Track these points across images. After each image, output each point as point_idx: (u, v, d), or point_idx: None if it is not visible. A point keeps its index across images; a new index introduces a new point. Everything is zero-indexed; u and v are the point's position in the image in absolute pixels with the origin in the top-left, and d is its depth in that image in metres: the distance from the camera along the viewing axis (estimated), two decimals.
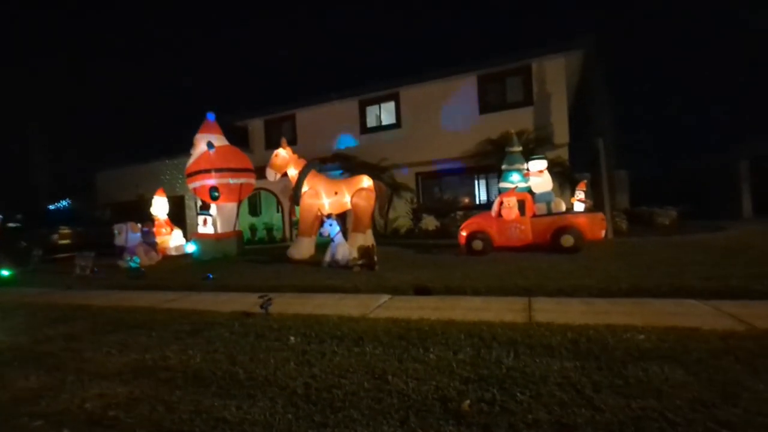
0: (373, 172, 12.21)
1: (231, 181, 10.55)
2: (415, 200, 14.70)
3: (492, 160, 13.20)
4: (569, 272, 5.38)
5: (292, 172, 8.99)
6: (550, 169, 8.44)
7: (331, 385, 2.50)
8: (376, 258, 6.64)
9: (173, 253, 12.43)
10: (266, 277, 6.74)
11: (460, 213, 12.14)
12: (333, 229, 7.27)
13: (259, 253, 11.12)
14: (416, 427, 1.97)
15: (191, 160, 10.79)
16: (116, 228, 10.18)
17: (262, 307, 4.17)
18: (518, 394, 2.20)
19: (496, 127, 13.25)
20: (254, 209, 18.16)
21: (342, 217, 9.21)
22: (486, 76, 13.86)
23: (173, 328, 4.01)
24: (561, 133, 12.58)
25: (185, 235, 13.73)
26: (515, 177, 7.85)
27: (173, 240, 12.88)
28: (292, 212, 11.39)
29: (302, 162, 9.04)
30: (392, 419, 2.06)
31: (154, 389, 2.67)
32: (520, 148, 8.30)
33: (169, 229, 12.93)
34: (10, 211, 15.58)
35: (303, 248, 8.78)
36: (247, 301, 5.31)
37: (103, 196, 21.71)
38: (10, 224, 14.95)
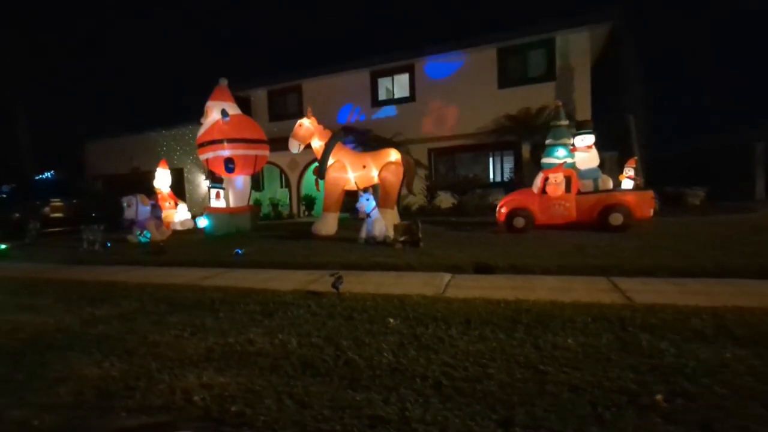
0: (387, 146, 11.74)
1: (246, 152, 9.97)
2: (428, 177, 14.31)
3: (511, 137, 12.86)
4: (635, 251, 5.17)
5: (317, 144, 8.49)
6: None
7: (477, 375, 2.20)
8: (420, 235, 6.32)
9: (179, 227, 11.85)
10: (302, 254, 6.36)
11: (479, 191, 11.84)
12: (369, 204, 6.90)
13: (273, 229, 10.67)
14: (626, 426, 1.69)
15: (202, 130, 10.13)
16: (125, 200, 9.54)
17: (333, 285, 3.82)
18: (714, 386, 1.94)
19: (515, 102, 12.85)
20: (256, 184, 17.46)
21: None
22: (506, 48, 13.31)
23: (240, 309, 3.64)
24: (583, 109, 12.25)
25: (189, 210, 13.10)
26: (561, 152, 7.52)
27: (178, 214, 12.26)
28: (317, 186, 10.42)
29: (328, 133, 8.52)
30: (586, 416, 1.78)
31: (263, 379, 2.33)
32: (567, 122, 7.94)
33: (173, 202, 12.28)
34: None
35: (329, 224, 8.40)
36: (298, 279, 4.96)
37: (93, 168, 20.64)
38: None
